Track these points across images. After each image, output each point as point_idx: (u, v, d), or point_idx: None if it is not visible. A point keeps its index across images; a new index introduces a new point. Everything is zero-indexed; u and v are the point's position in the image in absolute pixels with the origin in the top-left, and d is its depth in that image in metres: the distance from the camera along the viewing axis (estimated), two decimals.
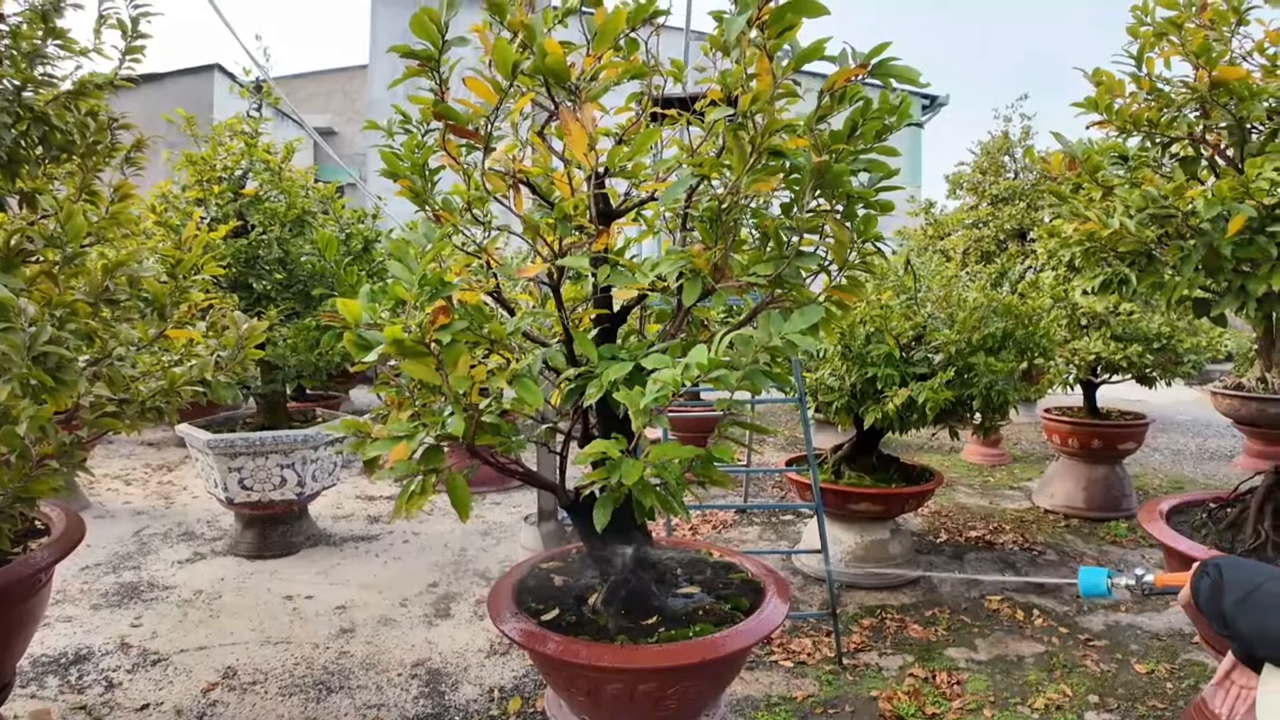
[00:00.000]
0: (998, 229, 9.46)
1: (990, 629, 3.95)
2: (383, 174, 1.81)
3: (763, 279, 1.66)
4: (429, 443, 1.69)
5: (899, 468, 4.64)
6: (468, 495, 1.68)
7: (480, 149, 1.61)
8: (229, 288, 4.85)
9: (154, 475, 7.24)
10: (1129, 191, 2.57)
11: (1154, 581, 1.73)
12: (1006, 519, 5.92)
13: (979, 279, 4.94)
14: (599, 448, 1.51)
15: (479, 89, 1.50)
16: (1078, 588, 1.81)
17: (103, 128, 2.57)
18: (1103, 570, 1.81)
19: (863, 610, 4.11)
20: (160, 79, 15.86)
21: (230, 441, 4.60)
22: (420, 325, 1.44)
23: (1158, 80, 2.87)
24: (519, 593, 2.21)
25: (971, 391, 4.07)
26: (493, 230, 1.81)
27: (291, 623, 3.97)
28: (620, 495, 1.63)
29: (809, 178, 1.61)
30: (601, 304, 2.05)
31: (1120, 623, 4.08)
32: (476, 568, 4.72)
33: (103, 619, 4.01)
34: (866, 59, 1.65)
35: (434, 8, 1.69)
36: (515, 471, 1.95)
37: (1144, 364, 5.80)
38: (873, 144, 1.80)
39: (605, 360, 1.68)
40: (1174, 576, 1.70)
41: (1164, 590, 1.73)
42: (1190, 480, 7.41)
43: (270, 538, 4.96)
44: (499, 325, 1.62)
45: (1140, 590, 1.75)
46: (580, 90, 1.48)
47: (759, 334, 1.60)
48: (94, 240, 2.70)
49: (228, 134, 4.99)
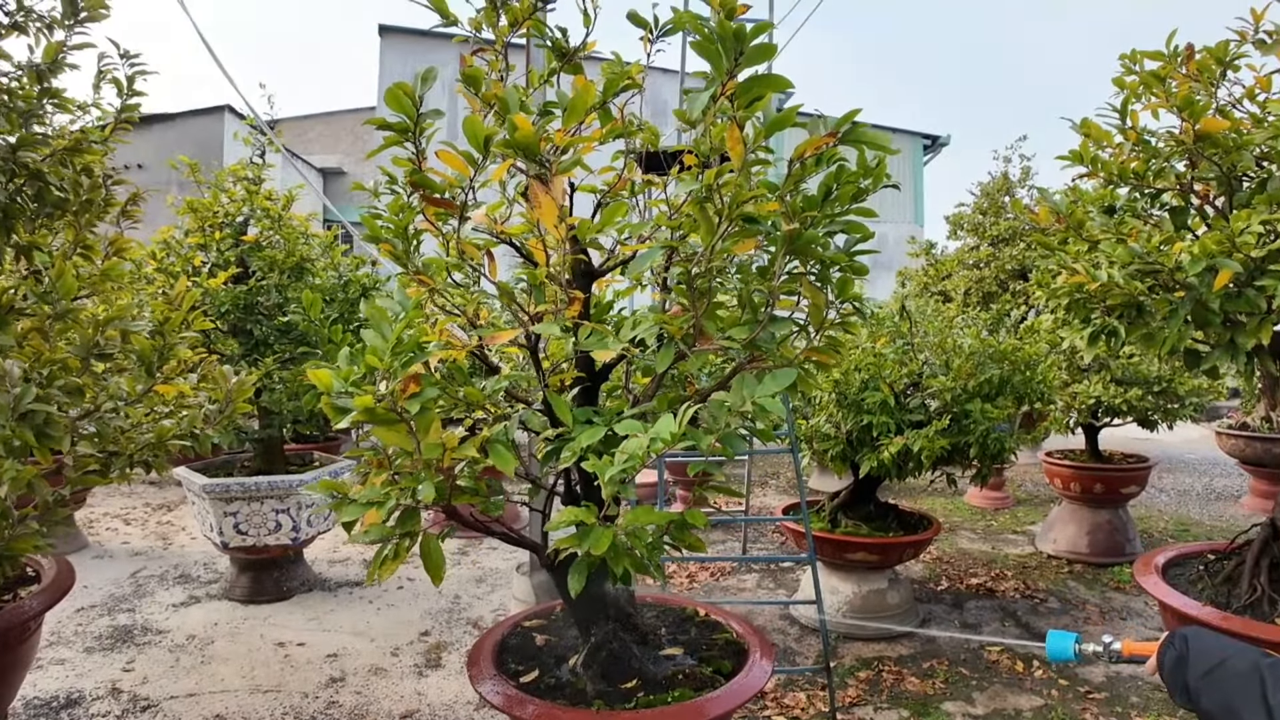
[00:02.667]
0: (998, 269, 9.48)
1: (989, 681, 3.89)
2: (365, 238, 1.83)
3: (737, 343, 1.67)
4: (404, 505, 1.69)
5: (897, 515, 4.60)
6: (442, 559, 1.67)
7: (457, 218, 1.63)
8: (229, 332, 4.89)
9: (154, 515, 7.25)
10: (1114, 246, 2.57)
11: (1121, 649, 1.73)
12: (1009, 565, 5.85)
13: (975, 324, 4.93)
14: (570, 516, 1.51)
15: (451, 161, 1.53)
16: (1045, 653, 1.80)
17: (97, 185, 2.61)
18: (1071, 635, 1.80)
19: (859, 662, 4.05)
20: (172, 119, 16.13)
21: (226, 486, 4.60)
22: (392, 393, 1.45)
23: (1143, 133, 2.89)
24: (500, 652, 2.20)
25: (968, 439, 4.05)
26: (472, 290, 1.82)
27: (282, 670, 3.94)
28: (595, 560, 1.62)
29: (782, 245, 1.63)
30: (583, 362, 2.06)
31: (1121, 674, 4.01)
32: (470, 616, 4.68)
33: (95, 663, 4.02)
34: (837, 126, 1.66)
35: (433, 65, 1.73)
36: (493, 531, 1.94)
37: (1145, 407, 5.77)
38: (849, 205, 1.81)
39: (580, 425, 1.68)
40: (1141, 646, 1.70)
41: (1131, 659, 1.72)
42: (1196, 522, 7.32)
43: (264, 583, 4.94)
44: (474, 389, 1.63)
45: (1107, 657, 1.74)
46: (551, 164, 1.50)
47: (732, 397, 1.60)
48: (88, 294, 2.74)
49: (230, 179, 5.07)
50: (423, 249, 2.02)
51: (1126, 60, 3.23)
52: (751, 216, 1.64)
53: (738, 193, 1.45)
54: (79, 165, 2.77)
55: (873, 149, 1.72)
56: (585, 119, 1.66)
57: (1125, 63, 3.24)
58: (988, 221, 9.94)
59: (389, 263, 1.98)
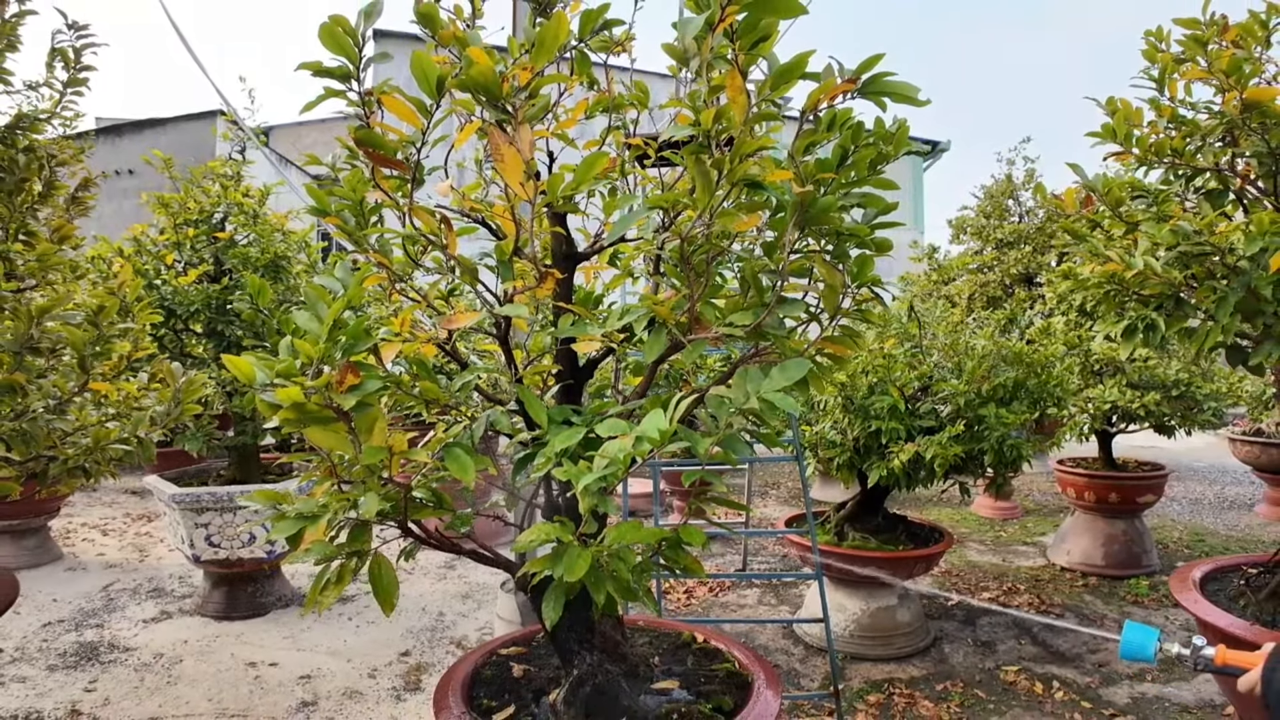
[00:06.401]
0: (1003, 273, 9.25)
1: (1007, 705, 3.63)
2: (309, 211, 1.59)
3: (740, 330, 1.42)
4: (353, 520, 1.45)
5: (906, 527, 4.34)
6: (394, 585, 1.42)
7: (409, 180, 1.39)
8: (203, 334, 4.65)
9: (132, 526, 6.99)
10: (1157, 227, 2.33)
11: (1214, 657, 1.46)
12: (1021, 578, 5.59)
13: (987, 325, 4.69)
14: (541, 533, 1.26)
15: (399, 110, 1.29)
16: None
17: (36, 162, 2.37)
18: (1153, 631, 1.53)
19: (869, 685, 3.79)
20: (163, 124, 15.90)
21: (197, 496, 4.34)
22: (328, 386, 1.20)
23: (1181, 105, 2.66)
24: (471, 685, 1.94)
25: (983, 445, 3.81)
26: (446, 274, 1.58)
27: (251, 693, 3.68)
28: (574, 585, 1.37)
29: (792, 213, 1.38)
30: (565, 357, 1.81)
31: (1146, 695, 3.76)
32: (454, 635, 4.41)
33: (56, 681, 3.82)
34: (856, 73, 1.43)
35: (424, 51, 1.49)
36: (462, 549, 1.69)
37: (1162, 412, 5.52)
38: (866, 175, 1.57)
39: (556, 425, 1.44)
40: (1240, 656, 1.42)
41: (1224, 670, 1.45)
42: (1211, 532, 7.07)
43: (239, 598, 4.68)
44: (432, 385, 1.39)
45: (1194, 664, 1.48)
46: (516, 109, 1.26)
47: (735, 393, 1.35)
48: (33, 284, 2.49)
49: (208, 177, 4.83)
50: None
51: (1152, 35, 3.02)
52: (756, 181, 1.39)
53: (742, 142, 1.21)
54: (20, 145, 2.54)
55: (898, 101, 1.48)
56: (555, 63, 1.43)
57: (1150, 39, 3.02)
58: (991, 225, 9.72)
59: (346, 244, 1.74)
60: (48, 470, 2.33)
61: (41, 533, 5.86)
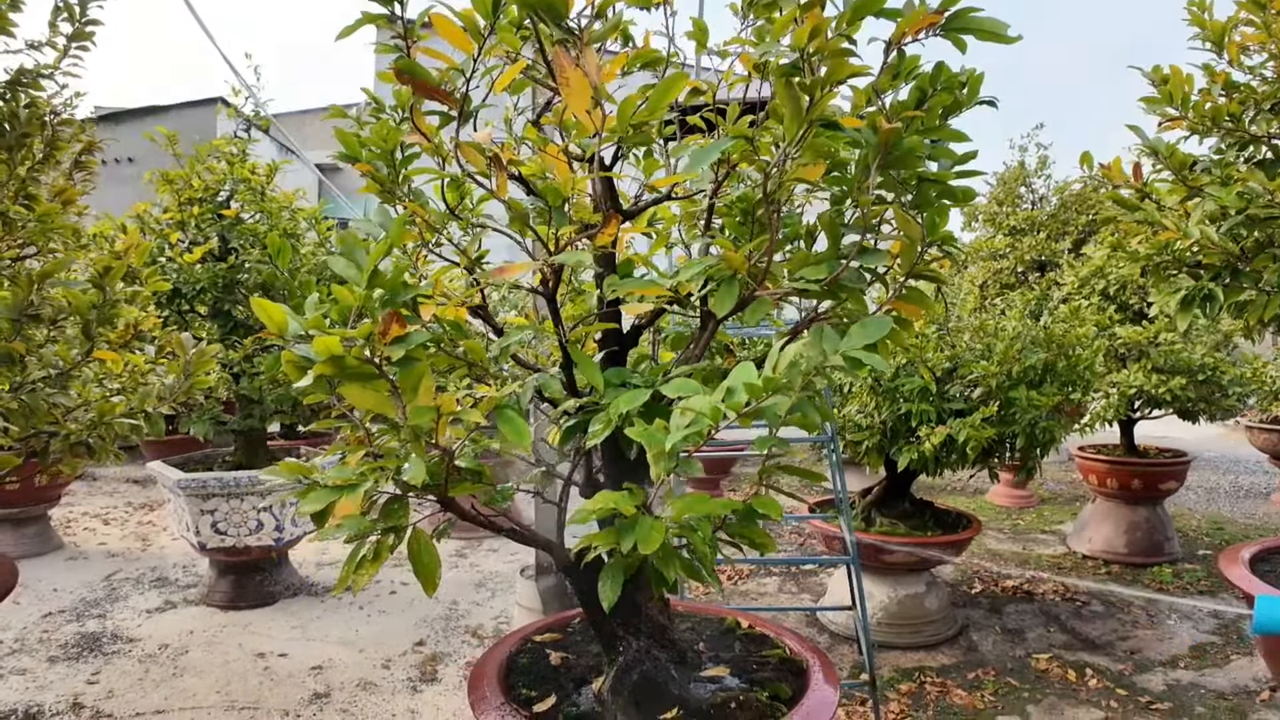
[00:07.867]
0: (1017, 260, 9.12)
1: (1042, 692, 3.53)
2: (339, 156, 1.46)
3: (815, 284, 1.30)
4: (388, 494, 1.32)
5: (933, 513, 4.23)
6: (436, 562, 1.30)
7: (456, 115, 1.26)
8: (208, 315, 4.52)
9: (134, 514, 6.86)
10: (1225, 190, 2.20)
11: None
12: (1043, 566, 5.48)
13: (1015, 306, 4.56)
14: (606, 502, 1.13)
15: (448, 31, 1.15)
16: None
17: (37, 118, 2.23)
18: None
19: (899, 674, 3.68)
20: (164, 111, 15.74)
21: (202, 481, 4.22)
22: (369, 336, 1.08)
23: (1239, 69, 2.54)
24: (507, 674, 1.82)
25: (1014, 429, 3.69)
26: (473, 226, 1.45)
27: (261, 684, 3.57)
28: (634, 562, 1.25)
29: (874, 154, 1.25)
30: (609, 321, 1.69)
31: (1181, 681, 3.67)
32: (469, 624, 4.29)
33: (58, 673, 3.71)
34: (943, 5, 1.30)
35: None
36: (501, 528, 1.57)
37: (1187, 397, 5.41)
38: (939, 123, 1.45)
39: (613, 388, 1.31)
40: None
41: None
42: (1229, 520, 6.97)
43: (246, 587, 4.55)
44: (475, 345, 1.26)
45: None
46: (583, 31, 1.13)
47: (812, 351, 1.23)
48: (34, 250, 2.36)
49: (213, 155, 4.68)
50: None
51: (1195, 6, 2.90)
52: (833, 121, 1.26)
53: (837, 65, 1.08)
54: (22, 101, 2.41)
55: (983, 39, 1.36)
56: None
57: (1194, 9, 2.91)
58: (1004, 212, 9.58)
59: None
60: (49, 447, 2.21)
61: (41, 521, 5.74)
